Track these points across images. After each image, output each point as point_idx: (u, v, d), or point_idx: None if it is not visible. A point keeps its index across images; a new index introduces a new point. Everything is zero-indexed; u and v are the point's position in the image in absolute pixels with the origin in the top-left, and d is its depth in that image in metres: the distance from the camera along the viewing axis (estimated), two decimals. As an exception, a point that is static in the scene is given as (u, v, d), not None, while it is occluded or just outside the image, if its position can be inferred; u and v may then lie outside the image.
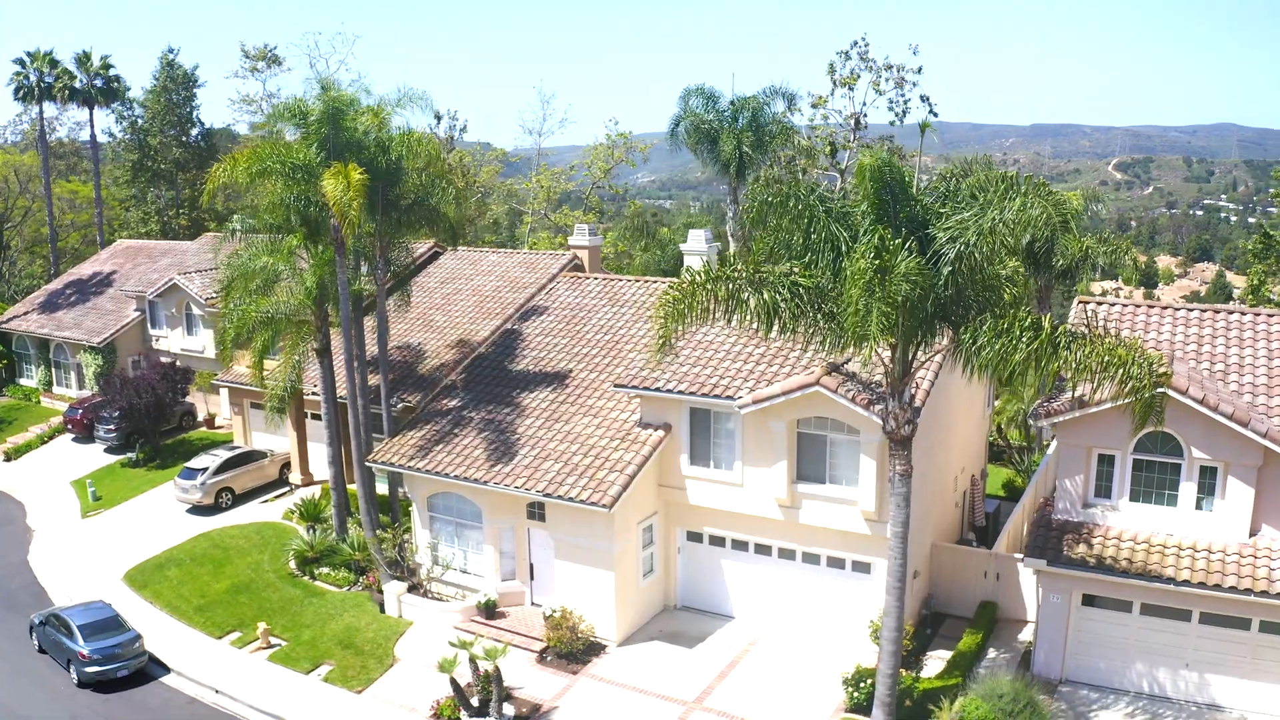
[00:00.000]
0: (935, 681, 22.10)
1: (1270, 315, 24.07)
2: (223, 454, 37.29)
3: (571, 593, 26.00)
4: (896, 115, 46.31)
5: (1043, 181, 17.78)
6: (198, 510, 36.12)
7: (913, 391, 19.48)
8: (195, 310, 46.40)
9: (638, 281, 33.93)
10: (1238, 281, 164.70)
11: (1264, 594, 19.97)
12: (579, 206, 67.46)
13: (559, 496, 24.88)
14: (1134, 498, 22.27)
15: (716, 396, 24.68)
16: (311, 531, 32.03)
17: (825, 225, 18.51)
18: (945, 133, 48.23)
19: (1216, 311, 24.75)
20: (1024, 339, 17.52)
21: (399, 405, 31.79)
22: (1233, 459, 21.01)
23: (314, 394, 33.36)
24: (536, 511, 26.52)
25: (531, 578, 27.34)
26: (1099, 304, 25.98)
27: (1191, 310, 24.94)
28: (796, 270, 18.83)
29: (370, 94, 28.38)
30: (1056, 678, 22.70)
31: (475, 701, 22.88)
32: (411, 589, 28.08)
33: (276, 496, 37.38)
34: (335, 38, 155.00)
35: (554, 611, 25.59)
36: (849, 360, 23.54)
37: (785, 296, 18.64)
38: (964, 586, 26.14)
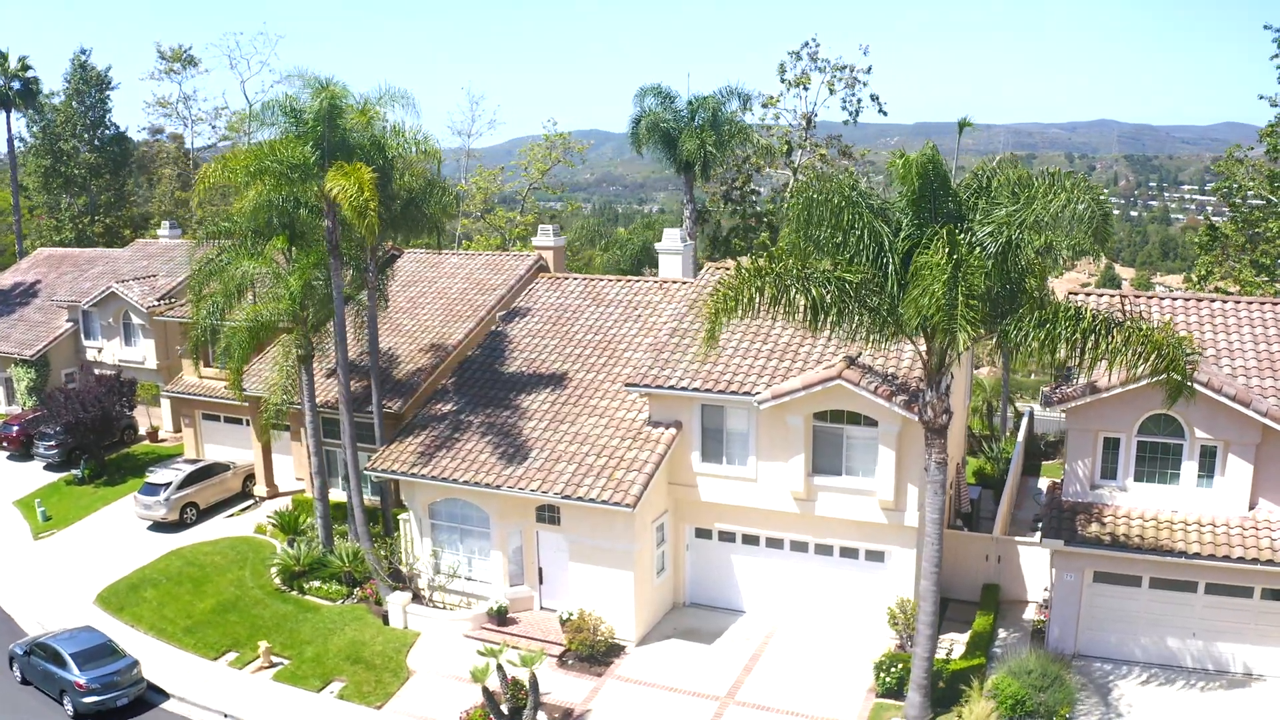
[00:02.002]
0: (961, 663, 22.76)
1: (1251, 303, 25.54)
2: (185, 467, 35.73)
3: (587, 595, 25.80)
4: (850, 115, 47.29)
5: (1083, 177, 18.42)
6: (161, 527, 34.55)
7: (947, 382, 20.01)
8: (135, 319, 44.40)
9: (620, 281, 33.88)
10: (1125, 273, 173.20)
11: (1269, 563, 21.21)
12: (514, 208, 66.80)
13: (579, 498, 24.68)
14: (1139, 478, 23.35)
15: (732, 393, 24.85)
16: (293, 545, 30.95)
17: (868, 221, 18.90)
18: (827, 133, 49.73)
19: (1200, 300, 26.10)
20: (1066, 328, 18.23)
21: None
22: (1233, 438, 22.24)
23: (293, 403, 32.25)
24: (547, 514, 26.25)
25: (541, 582, 27.04)
26: (1088, 295, 27.11)
27: (1177, 299, 26.26)
28: (841, 266, 19.15)
29: (349, 93, 27.71)
30: (1070, 652, 23.59)
31: (506, 710, 22.53)
32: (414, 599, 27.46)
33: (242, 510, 36.07)
34: (257, 38, 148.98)
35: (571, 615, 25.35)
36: (862, 353, 24.09)
37: (833, 292, 18.97)
38: (966, 571, 26.90)
